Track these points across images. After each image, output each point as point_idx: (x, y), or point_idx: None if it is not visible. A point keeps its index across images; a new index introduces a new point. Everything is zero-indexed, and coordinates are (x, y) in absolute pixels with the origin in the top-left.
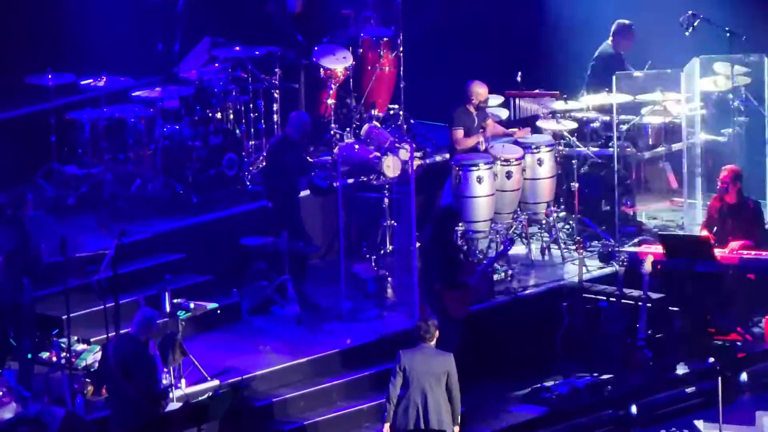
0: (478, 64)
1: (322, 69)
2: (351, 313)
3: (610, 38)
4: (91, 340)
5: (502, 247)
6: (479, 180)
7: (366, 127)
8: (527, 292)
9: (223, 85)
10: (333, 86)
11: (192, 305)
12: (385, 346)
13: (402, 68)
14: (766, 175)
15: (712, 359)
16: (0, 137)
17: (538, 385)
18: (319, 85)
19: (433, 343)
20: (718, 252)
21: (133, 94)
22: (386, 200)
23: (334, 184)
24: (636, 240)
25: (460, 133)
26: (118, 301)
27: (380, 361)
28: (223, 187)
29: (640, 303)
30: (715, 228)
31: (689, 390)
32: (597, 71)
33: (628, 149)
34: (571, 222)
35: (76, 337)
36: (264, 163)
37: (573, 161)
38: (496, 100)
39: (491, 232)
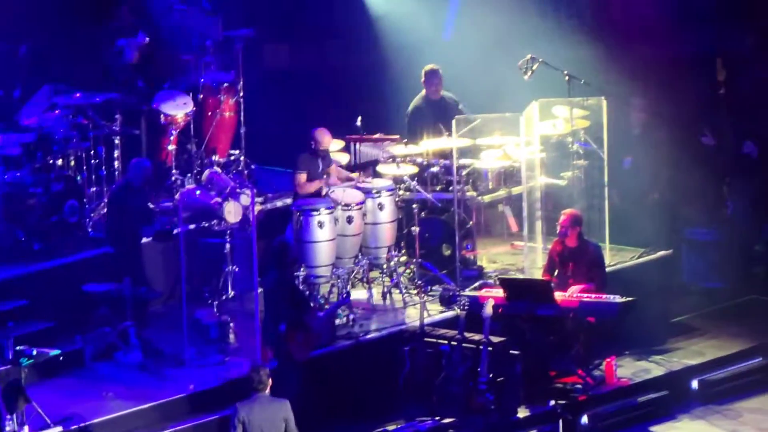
0: (319, 109)
1: (162, 115)
2: (193, 359)
3: (422, 85)
4: None
5: (344, 293)
6: (320, 225)
7: (207, 172)
8: (369, 336)
9: (64, 131)
10: (174, 132)
11: (35, 352)
12: (228, 391)
13: (243, 113)
14: (606, 219)
15: (553, 402)
16: None
17: (381, 429)
18: (160, 131)
19: (267, 391)
20: (558, 295)
21: None
22: (228, 245)
23: (176, 230)
24: (477, 284)
25: (302, 177)
26: None
27: (224, 406)
28: (64, 233)
29: (481, 347)
30: (557, 271)
31: None
32: (409, 125)
33: (468, 193)
34: (412, 266)
35: None
36: (106, 210)
37: (413, 205)
38: (336, 144)
39: (333, 277)
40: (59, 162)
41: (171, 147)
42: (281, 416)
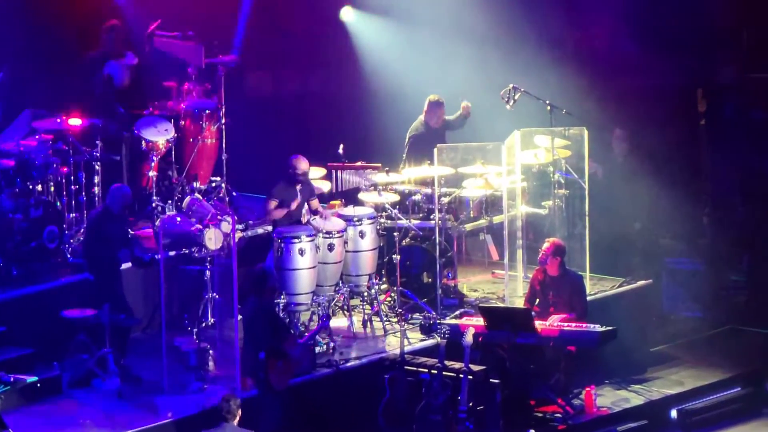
0: (301, 136)
1: (143, 141)
2: (173, 386)
3: (423, 114)
4: None
5: (323, 317)
6: (301, 252)
7: (188, 199)
8: (349, 364)
9: (44, 157)
10: (155, 158)
11: (12, 378)
12: (207, 418)
13: (224, 140)
14: (586, 248)
15: (532, 431)
16: None
17: None
18: (141, 158)
19: (236, 422)
20: (538, 324)
21: None
22: (208, 273)
23: (156, 257)
24: (457, 312)
25: (272, 204)
26: None
27: None
28: (43, 259)
29: (461, 375)
30: (538, 300)
31: None
32: (410, 150)
33: (450, 221)
34: (393, 294)
35: None
36: (85, 236)
37: (395, 233)
38: (318, 172)
39: (313, 305)
40: (39, 187)
41: (152, 173)
42: None
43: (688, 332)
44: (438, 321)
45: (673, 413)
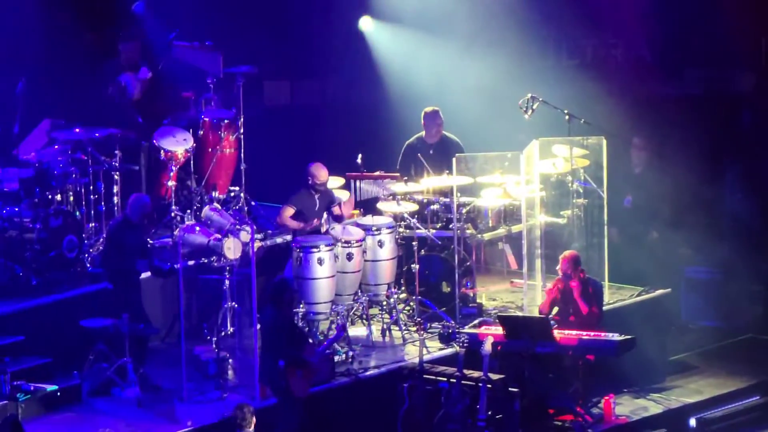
0: (319, 146)
1: (162, 151)
2: (192, 395)
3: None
4: None
5: (339, 323)
6: (320, 262)
7: (207, 209)
8: (368, 373)
9: (63, 167)
10: (174, 168)
11: (32, 387)
12: (226, 427)
13: (243, 150)
14: (605, 257)
15: None
16: None
17: None
18: (160, 167)
19: (251, 429)
20: (557, 333)
21: None
22: (227, 282)
23: (175, 266)
24: (476, 321)
25: (288, 210)
26: None
27: None
28: (63, 269)
29: (480, 384)
30: (557, 309)
31: None
32: (402, 159)
33: (468, 231)
34: (411, 303)
35: None
36: (104, 245)
37: (413, 243)
38: (337, 181)
39: (332, 314)
40: (58, 197)
41: (171, 183)
42: None
43: (706, 341)
44: (457, 330)
45: (692, 422)
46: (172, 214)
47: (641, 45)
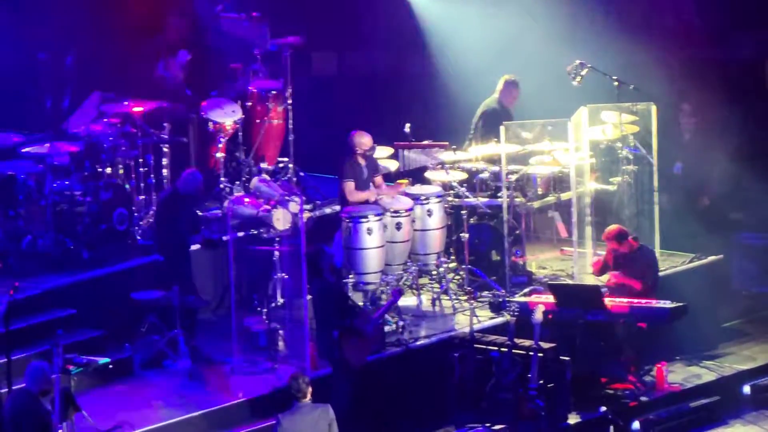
0: (367, 116)
1: (211, 123)
2: (243, 367)
3: (497, 93)
4: None
5: (391, 297)
6: (369, 231)
7: (255, 180)
8: (418, 343)
9: (112, 140)
10: (222, 140)
11: (84, 360)
12: (278, 398)
13: (291, 121)
14: (655, 224)
15: (603, 408)
16: None
17: None
18: (209, 139)
19: (308, 398)
20: (608, 301)
21: (23, 150)
22: (276, 253)
23: (224, 238)
24: (526, 290)
25: (350, 185)
26: (10, 358)
27: (274, 413)
28: (113, 242)
29: (531, 353)
30: (609, 273)
31: None
32: (484, 126)
33: (518, 199)
34: (461, 272)
35: None
36: (154, 218)
37: (462, 212)
38: (385, 151)
39: (382, 284)
40: (108, 170)
41: (219, 155)
42: (326, 421)
43: (759, 308)
44: (507, 299)
45: (746, 389)
46: (221, 186)
47: (690, 9)
